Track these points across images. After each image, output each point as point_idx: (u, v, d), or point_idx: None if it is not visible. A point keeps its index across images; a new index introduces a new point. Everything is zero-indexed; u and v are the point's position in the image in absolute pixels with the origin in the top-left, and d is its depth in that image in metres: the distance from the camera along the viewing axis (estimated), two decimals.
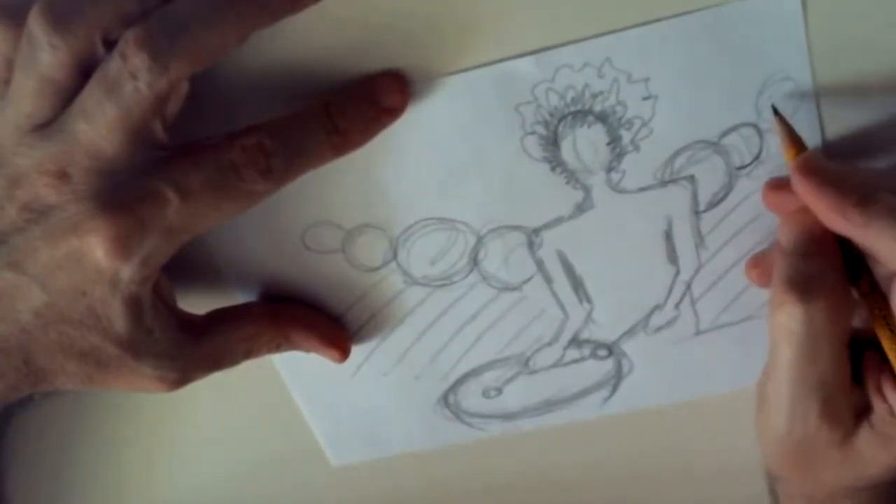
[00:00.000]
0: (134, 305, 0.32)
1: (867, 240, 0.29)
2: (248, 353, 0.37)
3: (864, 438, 0.32)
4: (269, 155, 0.31)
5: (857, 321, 0.32)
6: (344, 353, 0.39)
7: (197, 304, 0.37)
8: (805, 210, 0.31)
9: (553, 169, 0.36)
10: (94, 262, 0.30)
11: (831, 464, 0.32)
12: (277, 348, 0.38)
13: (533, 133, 0.35)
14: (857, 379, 0.32)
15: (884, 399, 0.31)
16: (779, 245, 0.33)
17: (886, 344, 0.30)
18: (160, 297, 0.33)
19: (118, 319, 0.32)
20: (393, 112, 0.34)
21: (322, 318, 0.39)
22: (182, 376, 0.34)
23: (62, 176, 0.30)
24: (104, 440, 0.45)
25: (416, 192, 0.37)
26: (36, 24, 0.29)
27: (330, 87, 0.34)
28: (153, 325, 0.33)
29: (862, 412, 0.32)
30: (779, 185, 0.33)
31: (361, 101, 0.34)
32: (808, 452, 0.32)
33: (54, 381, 0.33)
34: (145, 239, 0.30)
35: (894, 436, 0.32)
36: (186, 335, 0.34)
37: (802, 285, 0.30)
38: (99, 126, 0.29)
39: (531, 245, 0.38)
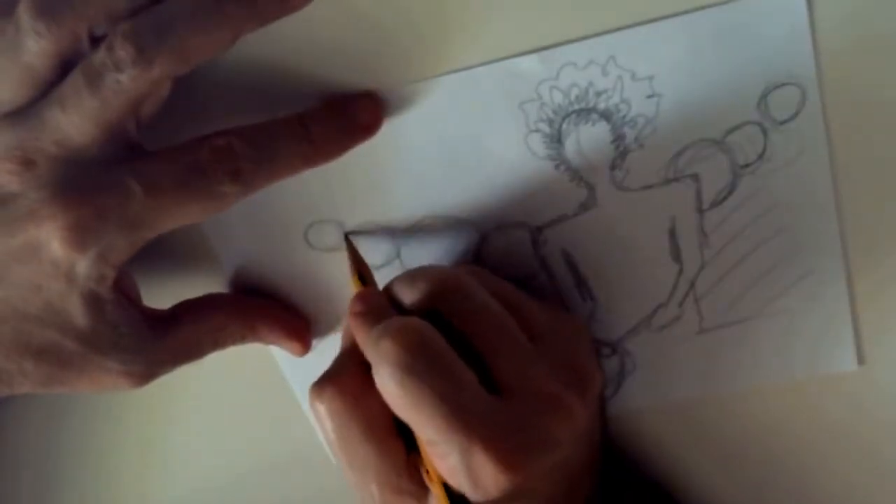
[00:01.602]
0: (94, 302, 0.31)
1: None
2: (216, 345, 0.36)
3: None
4: (239, 158, 0.31)
5: None
6: (305, 346, 0.39)
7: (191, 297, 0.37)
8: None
9: (557, 167, 0.36)
10: (49, 253, 0.30)
11: None
12: (242, 339, 0.37)
13: (537, 131, 0.35)
14: None
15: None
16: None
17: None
18: (122, 293, 0.33)
19: (78, 315, 0.31)
20: (367, 129, 0.35)
21: (285, 311, 0.39)
22: (149, 370, 0.34)
23: (27, 163, 0.30)
24: (100, 440, 0.44)
25: (420, 190, 0.37)
26: (25, 10, 0.29)
27: (320, 92, 0.34)
28: (116, 321, 0.32)
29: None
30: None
31: (336, 114, 0.34)
32: None
33: (11, 382, 0.33)
34: (103, 231, 0.30)
35: None
36: (152, 329, 0.34)
37: (322, 380, 0.33)
38: (73, 114, 0.29)
39: (535, 243, 0.38)
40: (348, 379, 0.33)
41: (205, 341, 0.36)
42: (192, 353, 0.36)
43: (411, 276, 0.34)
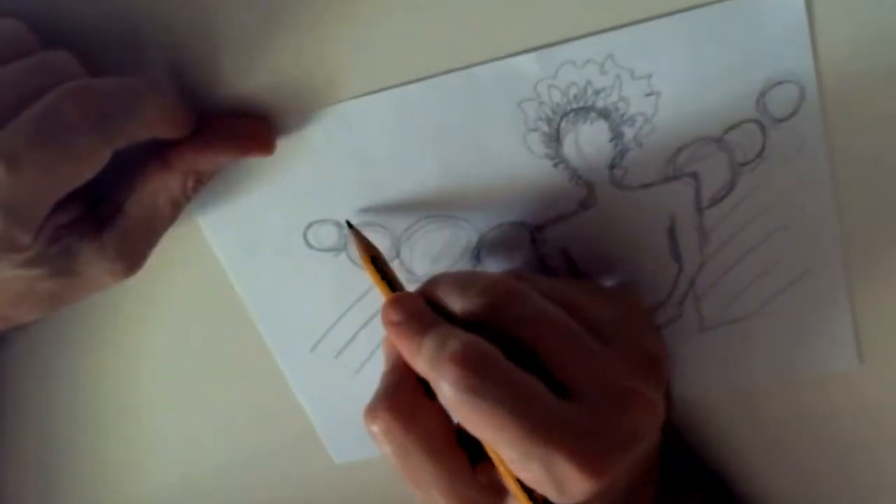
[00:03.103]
0: (32, 261, 0.31)
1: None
2: (174, 204, 0.35)
3: None
4: (102, 96, 0.30)
5: None
6: (266, 147, 0.35)
7: (194, 298, 0.37)
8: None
9: (556, 166, 0.36)
10: None
11: None
12: (198, 183, 0.35)
13: (535, 130, 0.35)
14: None
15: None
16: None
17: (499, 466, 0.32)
18: (56, 225, 0.32)
19: (26, 276, 0.32)
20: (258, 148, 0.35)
21: (224, 125, 0.35)
22: (128, 263, 0.34)
23: None
24: (100, 431, 0.45)
25: (419, 190, 0.37)
26: None
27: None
28: (63, 250, 0.32)
29: (502, 488, 0.33)
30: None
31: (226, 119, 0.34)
32: None
33: (12, 321, 0.34)
34: None
35: None
36: (99, 230, 0.33)
37: (376, 402, 0.32)
38: None
39: (534, 242, 0.38)
40: (402, 397, 0.32)
41: (158, 208, 0.34)
42: (156, 222, 0.35)
43: (461, 283, 0.33)
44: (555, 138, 0.35)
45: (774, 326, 0.38)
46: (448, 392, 0.30)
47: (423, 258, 0.38)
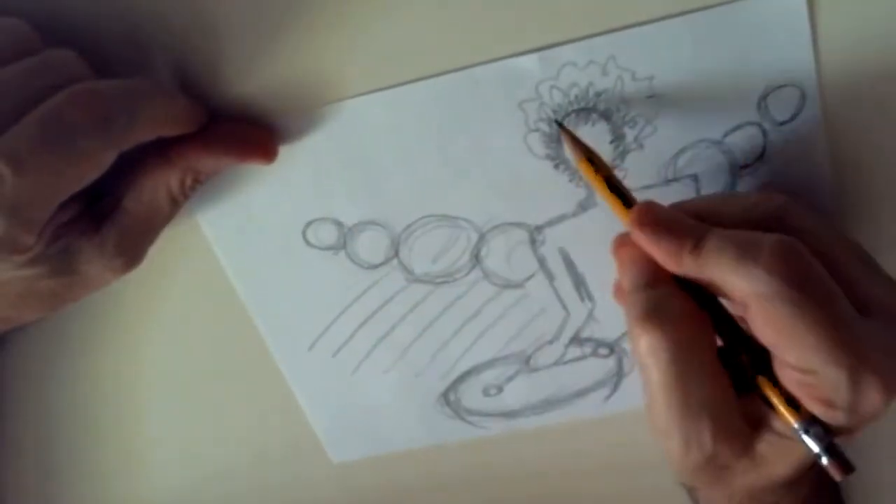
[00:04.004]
0: (33, 261, 0.31)
1: (705, 279, 0.30)
2: (173, 200, 0.35)
3: (768, 443, 0.31)
4: (107, 99, 0.30)
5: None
6: (267, 154, 0.35)
7: (193, 296, 0.37)
8: (637, 249, 0.31)
9: (556, 166, 0.36)
10: None
11: (740, 471, 0.32)
12: (196, 181, 0.35)
13: (536, 130, 0.35)
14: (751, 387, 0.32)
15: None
16: (621, 287, 0.33)
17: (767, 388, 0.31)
18: (56, 225, 0.32)
19: (25, 277, 0.31)
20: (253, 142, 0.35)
21: (228, 129, 0.35)
22: (127, 258, 0.34)
23: None
24: (99, 431, 0.45)
25: (419, 189, 0.37)
26: None
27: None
28: (62, 248, 0.32)
29: (760, 419, 0.31)
30: (624, 241, 0.33)
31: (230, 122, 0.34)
32: (712, 467, 0.31)
33: (14, 322, 0.34)
34: None
35: (795, 438, 0.31)
36: (98, 228, 0.33)
37: (652, 314, 0.30)
38: None
39: (533, 242, 0.38)
40: (671, 311, 0.30)
41: (158, 203, 0.34)
42: (155, 218, 0.34)
43: (725, 195, 0.32)
44: (556, 139, 0.35)
45: None
46: (766, 286, 0.28)
47: (422, 257, 0.38)
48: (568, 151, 0.34)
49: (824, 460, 0.29)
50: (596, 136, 0.35)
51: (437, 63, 0.34)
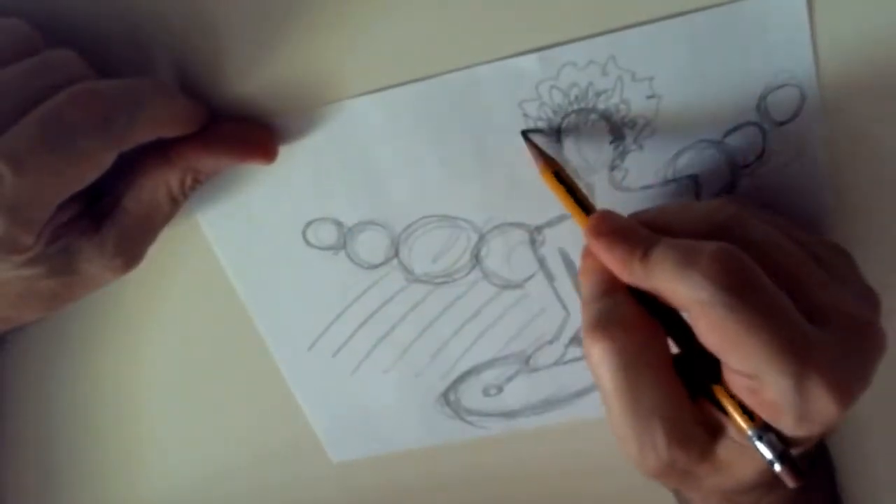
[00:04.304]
0: (33, 260, 0.31)
1: (652, 288, 0.30)
2: (172, 200, 0.35)
3: (728, 449, 0.31)
4: (107, 99, 0.30)
5: None
6: (268, 154, 0.35)
7: (193, 296, 0.37)
8: (596, 260, 0.32)
9: None
10: None
11: (703, 475, 0.32)
12: (196, 181, 0.35)
13: (536, 130, 0.35)
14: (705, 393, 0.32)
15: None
16: (582, 297, 0.33)
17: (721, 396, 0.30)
18: (55, 225, 0.32)
19: (25, 276, 0.31)
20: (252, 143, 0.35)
21: (228, 129, 0.35)
22: (127, 258, 0.34)
23: None
24: (99, 431, 0.45)
25: (418, 189, 0.37)
26: None
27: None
28: (62, 248, 0.32)
29: (717, 426, 0.31)
30: (587, 253, 0.33)
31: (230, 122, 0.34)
32: (675, 471, 0.31)
33: (14, 321, 0.34)
34: None
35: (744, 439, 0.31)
36: (98, 228, 0.33)
37: (600, 322, 0.30)
38: None
39: (533, 243, 0.38)
40: (623, 318, 0.30)
41: (157, 203, 0.34)
42: (155, 217, 0.34)
43: (680, 207, 0.32)
44: (555, 139, 0.35)
45: None
46: (703, 292, 0.28)
47: (422, 257, 0.38)
48: (532, 162, 0.34)
49: (777, 467, 0.29)
50: (596, 136, 0.35)
51: (437, 63, 0.34)
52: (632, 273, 0.30)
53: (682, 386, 0.31)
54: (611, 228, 0.31)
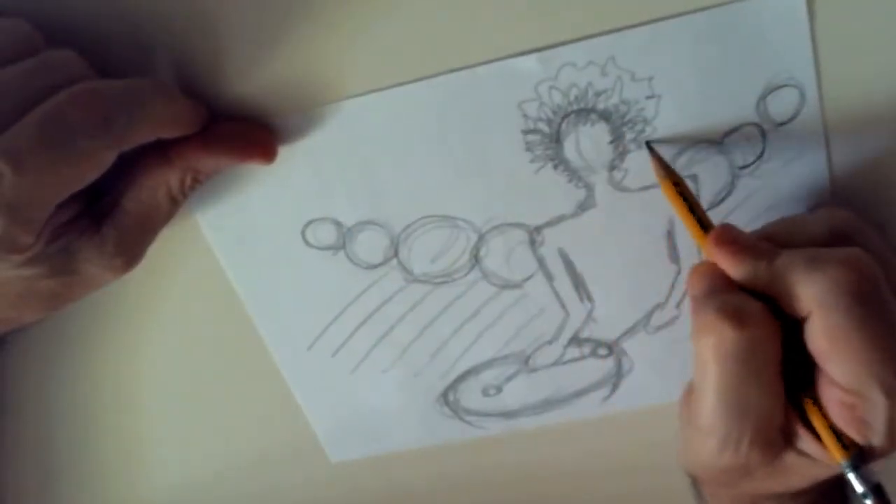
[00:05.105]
0: (32, 260, 0.31)
1: (775, 292, 0.30)
2: (172, 200, 0.35)
3: (794, 456, 0.31)
4: (107, 99, 0.30)
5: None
6: (267, 154, 0.35)
7: (193, 296, 0.37)
8: (707, 265, 0.32)
9: (555, 167, 0.36)
10: None
11: (758, 478, 0.32)
12: (196, 181, 0.35)
13: (535, 130, 0.35)
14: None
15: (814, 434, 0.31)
16: (693, 293, 0.33)
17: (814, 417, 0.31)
18: (55, 225, 0.32)
19: (26, 276, 0.31)
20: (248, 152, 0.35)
21: (228, 129, 0.35)
22: (127, 258, 0.34)
23: None
24: (99, 431, 0.45)
25: (418, 189, 0.37)
26: None
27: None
28: (62, 248, 0.32)
29: (793, 433, 0.31)
30: (699, 265, 0.33)
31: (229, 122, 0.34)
32: (735, 472, 0.32)
33: (14, 322, 0.34)
34: None
35: (824, 458, 0.31)
36: (98, 227, 0.33)
37: (734, 312, 0.30)
38: None
39: (532, 243, 0.38)
40: (753, 312, 0.30)
41: (157, 203, 0.34)
42: (154, 217, 0.34)
43: (796, 217, 0.32)
44: (555, 139, 0.35)
45: None
46: (829, 295, 0.28)
47: (421, 257, 0.38)
48: (653, 171, 0.35)
49: (868, 502, 0.30)
50: (595, 136, 0.35)
51: (437, 63, 0.34)
52: (756, 277, 0.30)
53: (783, 391, 0.31)
54: (736, 237, 0.31)
